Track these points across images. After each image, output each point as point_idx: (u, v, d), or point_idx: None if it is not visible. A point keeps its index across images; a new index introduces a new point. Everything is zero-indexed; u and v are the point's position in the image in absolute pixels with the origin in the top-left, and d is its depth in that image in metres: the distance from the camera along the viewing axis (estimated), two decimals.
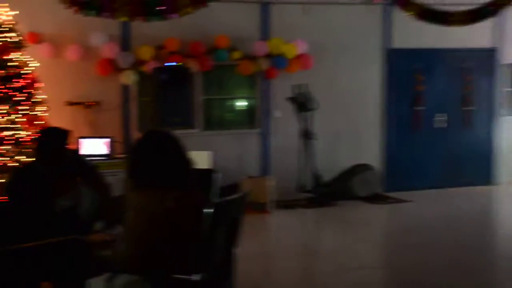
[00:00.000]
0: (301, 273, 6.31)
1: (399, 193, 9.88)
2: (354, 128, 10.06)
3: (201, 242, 3.13)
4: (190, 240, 3.15)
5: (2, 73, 7.45)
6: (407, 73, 10.35)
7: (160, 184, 3.24)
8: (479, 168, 10.83)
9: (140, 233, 3.18)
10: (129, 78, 8.65)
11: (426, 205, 9.27)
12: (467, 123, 10.66)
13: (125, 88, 8.91)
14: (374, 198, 9.51)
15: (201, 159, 6.65)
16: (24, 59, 7.63)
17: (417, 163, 10.44)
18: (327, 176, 9.40)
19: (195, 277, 3.13)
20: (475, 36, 10.15)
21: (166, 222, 3.16)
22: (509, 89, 11.01)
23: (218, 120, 9.95)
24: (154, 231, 3.16)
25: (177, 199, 3.20)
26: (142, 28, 8.30)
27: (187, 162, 3.39)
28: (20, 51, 7.62)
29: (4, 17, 7.53)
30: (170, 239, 3.16)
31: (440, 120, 10.47)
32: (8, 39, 7.53)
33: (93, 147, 8.24)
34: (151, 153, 3.32)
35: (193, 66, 8.91)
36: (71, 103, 8.41)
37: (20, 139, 7.40)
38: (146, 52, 8.58)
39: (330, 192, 9.38)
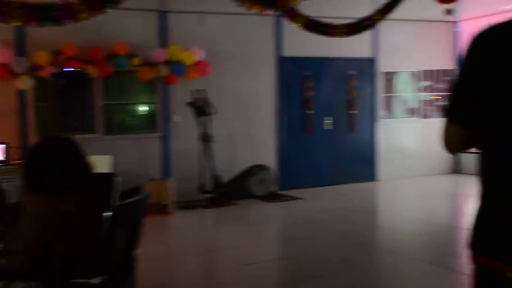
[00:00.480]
0: (201, 270, 6.40)
1: (293, 191, 10.11)
2: (250, 131, 10.24)
3: (100, 244, 3.08)
4: (89, 243, 3.09)
5: None
6: (297, 79, 10.66)
7: (56, 188, 3.15)
8: (363, 166, 11.30)
9: (36, 238, 3.09)
10: (25, 83, 8.38)
11: (317, 201, 9.48)
12: (351, 126, 11.06)
13: (21, 93, 8.68)
14: (270, 197, 9.65)
15: (101, 163, 6.36)
16: None
17: (308, 162, 10.72)
18: (226, 177, 9.53)
19: (95, 280, 3.07)
20: (357, 46, 10.53)
21: (63, 225, 3.09)
22: (385, 95, 11.40)
23: (119, 125, 9.79)
24: (51, 235, 3.07)
25: (75, 202, 3.12)
26: (38, 33, 7.89)
27: (85, 166, 3.31)
28: None
29: None
30: (67, 243, 3.07)
31: (328, 123, 10.74)
32: None
33: None
34: (47, 158, 3.23)
35: (92, 71, 8.80)
36: None
37: None
38: (42, 57, 8.36)
39: (229, 192, 9.50)
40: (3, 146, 8.00)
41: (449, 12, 8.43)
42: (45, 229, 3.08)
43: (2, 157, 7.95)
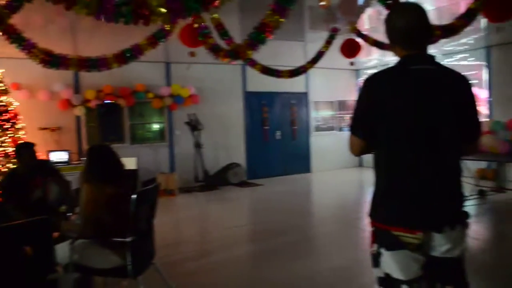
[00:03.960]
0: (198, 232, 6.39)
1: (256, 180, 10.43)
2: (227, 140, 10.50)
3: (130, 216, 3.05)
4: (123, 215, 3.06)
5: None
6: (258, 106, 10.97)
7: (102, 179, 3.18)
8: (302, 162, 11.64)
9: (90, 212, 3.10)
10: (80, 111, 8.71)
11: (272, 186, 9.70)
12: (294, 136, 11.48)
13: (78, 118, 8.89)
14: (241, 184, 9.89)
15: (129, 163, 5.82)
16: (9, 100, 7.62)
17: (266, 161, 11.04)
18: (212, 170, 9.73)
19: (128, 239, 3.04)
20: (296, 84, 10.88)
21: (107, 204, 3.09)
22: (314, 116, 11.87)
23: (140, 137, 9.81)
24: (99, 210, 3.08)
25: (115, 187, 3.16)
26: (88, 77, 8.30)
27: (120, 164, 3.36)
28: (6, 95, 7.62)
29: None
30: (110, 215, 3.09)
31: (278, 134, 11.21)
32: None
33: (57, 156, 8.13)
34: (96, 160, 3.28)
35: (122, 102, 9.07)
36: (42, 128, 8.38)
37: (8, 153, 7.35)
38: (90, 94, 8.70)
39: (214, 181, 9.68)
40: (67, 152, 8.29)
41: (352, 64, 8.90)
42: (96, 205, 3.09)
43: (67, 159, 8.20)
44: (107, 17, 4.89)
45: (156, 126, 10.15)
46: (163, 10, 4.73)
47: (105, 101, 8.91)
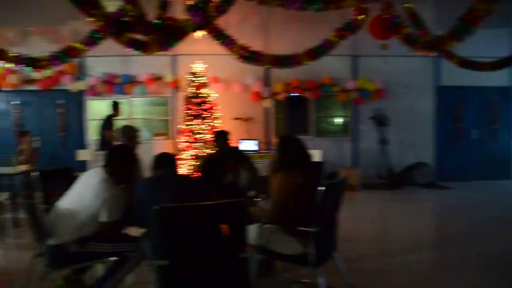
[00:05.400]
0: (375, 230, 6.27)
1: (445, 182, 9.75)
2: (415, 137, 9.99)
3: (317, 206, 3.04)
4: (310, 205, 3.06)
5: (198, 100, 8.26)
6: (451, 102, 10.13)
7: (293, 168, 3.23)
8: (501, 167, 10.37)
9: (280, 200, 3.17)
10: (269, 103, 9.23)
11: (463, 191, 9.00)
12: (494, 136, 10.28)
13: (267, 110, 9.43)
14: (427, 185, 9.42)
15: (315, 155, 6.55)
16: (208, 92, 8.40)
17: (458, 162, 10.15)
18: (397, 169, 9.46)
19: (312, 229, 3.06)
20: (497, 78, 9.55)
21: (296, 193, 3.13)
22: None
23: (324, 130, 9.93)
24: (288, 199, 3.13)
25: (303, 177, 3.19)
26: (277, 72, 8.81)
27: (308, 156, 3.39)
28: (206, 87, 8.40)
29: (199, 69, 8.35)
30: (298, 203, 3.13)
31: (474, 133, 10.28)
32: (201, 81, 8.36)
33: (248, 145, 8.69)
34: (287, 149, 3.33)
35: (309, 95, 9.36)
36: (235, 118, 9.08)
37: (206, 140, 8.13)
38: (279, 87, 9.15)
39: (398, 179, 9.39)
40: (256, 141, 8.80)
41: None
42: (285, 194, 3.15)
43: (256, 148, 8.71)
44: (298, 6, 5.04)
45: (340, 120, 10.22)
46: None
47: (292, 94, 9.24)
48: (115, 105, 8.13)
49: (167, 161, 3.33)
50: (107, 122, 7.93)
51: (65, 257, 3.13)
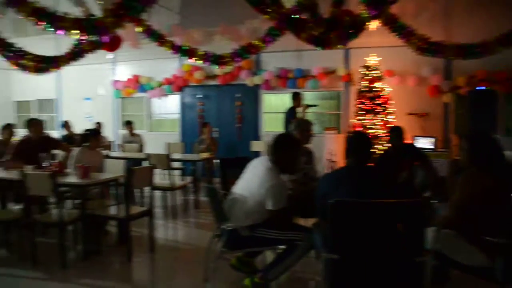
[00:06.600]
0: None
1: None
2: None
3: (508, 215, 2.76)
4: (500, 213, 2.81)
5: (371, 95, 8.21)
6: None
7: (483, 169, 2.92)
8: None
9: (462, 203, 2.89)
10: (449, 98, 8.71)
11: None
12: None
13: (446, 105, 8.88)
14: None
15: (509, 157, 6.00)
16: (382, 86, 8.31)
17: None
18: None
19: (501, 240, 2.73)
20: None
21: (483, 197, 2.84)
22: None
23: None
24: (473, 202, 2.85)
25: (494, 179, 2.86)
26: (460, 63, 8.21)
27: (503, 156, 3.03)
28: (380, 81, 8.32)
29: (372, 62, 8.32)
30: (484, 210, 2.85)
31: None
32: (374, 75, 8.30)
33: (423, 142, 8.29)
34: (480, 147, 3.02)
35: (498, 89, 8.40)
36: (410, 114, 8.75)
37: (378, 135, 8.04)
38: (461, 80, 8.54)
39: None
40: (433, 139, 8.35)
41: None
42: (470, 196, 2.87)
43: (432, 146, 8.26)
44: None
45: None
46: None
47: (478, 88, 8.48)
48: (296, 96, 8.09)
49: (360, 146, 3.11)
50: (291, 114, 7.88)
51: (238, 240, 3.33)
